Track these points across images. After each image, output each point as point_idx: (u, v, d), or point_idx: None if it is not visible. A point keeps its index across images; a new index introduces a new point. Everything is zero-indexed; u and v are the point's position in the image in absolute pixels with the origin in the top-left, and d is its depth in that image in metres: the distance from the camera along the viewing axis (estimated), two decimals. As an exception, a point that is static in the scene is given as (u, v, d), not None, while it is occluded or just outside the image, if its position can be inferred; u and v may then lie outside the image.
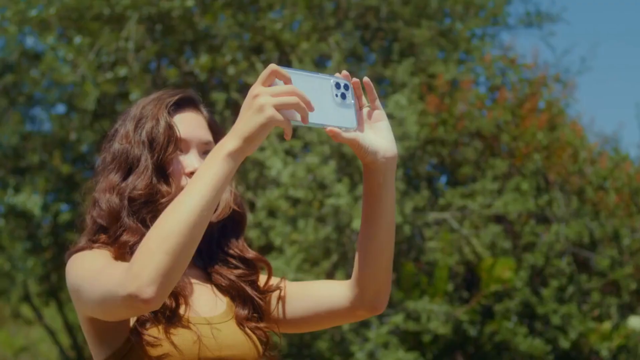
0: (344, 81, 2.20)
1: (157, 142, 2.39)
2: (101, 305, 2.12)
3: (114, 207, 2.37)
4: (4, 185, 13.03)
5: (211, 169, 2.05)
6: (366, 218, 2.32)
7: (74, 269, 2.28)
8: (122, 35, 11.28)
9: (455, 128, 11.44)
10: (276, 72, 2.08)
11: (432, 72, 11.71)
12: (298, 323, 2.52)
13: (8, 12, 12.00)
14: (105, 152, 2.47)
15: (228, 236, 2.54)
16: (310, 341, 10.84)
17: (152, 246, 2.00)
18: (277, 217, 10.54)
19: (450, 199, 11.09)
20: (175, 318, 2.29)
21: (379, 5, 11.92)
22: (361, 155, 2.23)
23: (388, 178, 2.27)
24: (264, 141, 10.24)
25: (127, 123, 2.45)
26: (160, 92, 2.51)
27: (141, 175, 2.37)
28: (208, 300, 2.43)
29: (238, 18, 11.56)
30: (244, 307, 2.46)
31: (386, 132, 2.26)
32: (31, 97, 13.36)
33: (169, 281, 2.00)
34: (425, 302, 10.29)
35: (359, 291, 2.39)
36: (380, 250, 2.33)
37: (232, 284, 2.48)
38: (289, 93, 2.05)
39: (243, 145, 2.05)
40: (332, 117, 2.16)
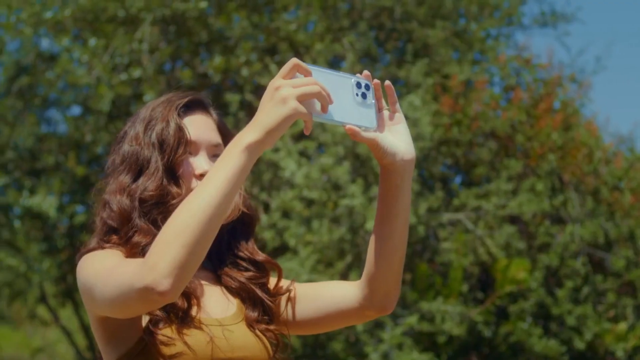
0: (365, 81, 2.22)
1: (167, 143, 2.40)
2: (116, 301, 2.12)
3: (125, 209, 2.38)
4: (20, 187, 13.07)
5: (229, 162, 2.05)
6: (381, 219, 2.34)
7: (85, 269, 2.28)
8: (136, 37, 11.30)
9: (469, 128, 11.41)
10: (298, 66, 2.09)
11: (446, 72, 11.70)
12: (308, 324, 2.53)
13: (23, 14, 12.03)
14: (114, 154, 2.48)
15: (238, 238, 2.56)
16: (325, 342, 10.84)
17: (168, 239, 2.00)
18: (291, 218, 10.54)
19: (464, 200, 11.07)
20: (188, 319, 2.31)
21: (393, 5, 11.90)
22: (379, 156, 2.25)
23: (405, 180, 2.30)
24: (278, 142, 10.26)
25: (137, 125, 2.47)
26: (170, 94, 2.53)
27: (152, 176, 2.39)
28: (219, 301, 2.45)
29: (252, 19, 11.57)
30: (254, 309, 2.47)
31: (405, 135, 2.29)
32: (46, 99, 13.39)
33: (185, 274, 2.00)
34: (439, 303, 10.28)
35: (369, 292, 2.41)
36: (393, 251, 2.35)
37: (242, 286, 2.49)
38: (311, 83, 2.06)
39: (263, 137, 2.04)
40: (352, 116, 2.18)
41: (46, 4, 11.97)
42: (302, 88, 2.05)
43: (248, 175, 2.03)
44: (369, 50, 11.92)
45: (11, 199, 12.52)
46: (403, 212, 2.32)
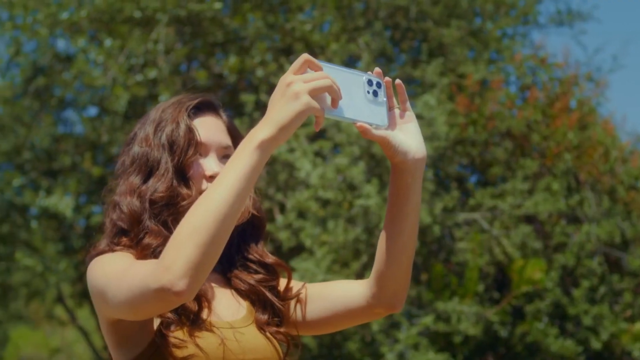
0: (377, 79, 2.21)
1: (177, 145, 2.39)
2: (130, 303, 2.10)
3: (135, 210, 2.37)
4: (37, 188, 13.11)
5: (242, 160, 2.03)
6: (391, 218, 2.32)
7: (96, 271, 2.27)
8: (152, 38, 11.32)
9: (485, 128, 11.39)
10: (309, 62, 2.08)
11: (461, 72, 11.68)
12: (318, 324, 2.52)
13: (40, 15, 12.08)
14: (124, 156, 2.47)
15: (247, 241, 2.55)
16: (341, 342, 10.84)
17: (183, 239, 1.98)
18: (307, 218, 10.54)
19: (480, 200, 11.05)
20: (199, 321, 2.30)
21: (409, 5, 11.89)
22: (390, 155, 2.23)
23: (416, 179, 2.28)
24: (294, 142, 10.26)
25: (147, 126, 2.46)
26: (179, 96, 2.52)
27: (162, 178, 2.37)
28: (229, 304, 2.44)
29: (267, 19, 11.58)
30: (264, 311, 2.47)
31: (416, 134, 2.27)
32: (63, 99, 13.42)
33: (200, 274, 1.99)
34: (455, 303, 10.26)
35: (378, 290, 2.39)
36: (403, 249, 2.33)
37: (252, 288, 2.49)
38: (322, 77, 2.05)
39: (277, 134, 2.03)
40: (363, 113, 2.16)
41: (62, 5, 12.00)
42: (314, 82, 2.03)
43: (264, 176, 2.02)
44: (384, 50, 11.91)
45: (28, 200, 12.56)
46: (413, 211, 2.30)
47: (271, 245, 11.71)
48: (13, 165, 13.73)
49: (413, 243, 2.34)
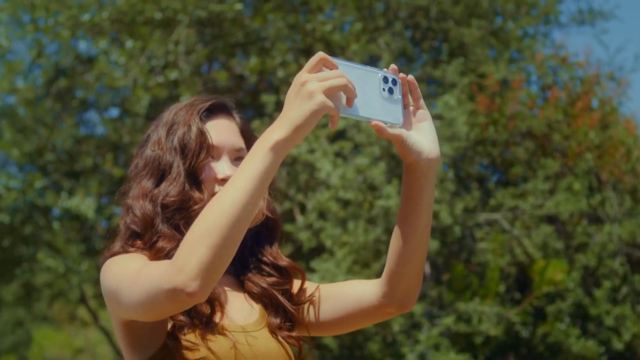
0: (392, 76, 2.17)
1: (188, 148, 2.38)
2: (143, 303, 2.10)
3: (147, 214, 2.36)
4: (59, 189, 13.15)
5: (256, 161, 2.01)
6: (404, 218, 2.30)
7: (110, 273, 2.26)
8: (173, 39, 11.34)
9: (506, 128, 11.36)
10: (324, 60, 2.05)
11: (482, 71, 11.64)
12: (330, 325, 2.51)
13: (61, 17, 12.12)
14: (137, 158, 2.46)
15: (261, 243, 2.53)
16: (362, 342, 10.83)
17: (195, 240, 1.98)
18: (327, 219, 10.54)
19: (501, 200, 11.02)
20: (211, 325, 2.29)
21: (429, 5, 11.87)
22: (404, 154, 2.20)
23: (429, 179, 2.25)
24: (314, 143, 10.26)
25: (160, 129, 2.45)
26: (193, 98, 2.50)
27: (173, 181, 2.36)
28: (242, 308, 2.43)
29: (288, 20, 11.58)
30: (277, 315, 2.45)
31: (430, 133, 2.24)
32: (85, 101, 13.46)
33: (213, 275, 1.99)
34: (476, 303, 10.23)
35: (389, 289, 2.38)
36: (415, 250, 2.31)
37: (264, 291, 2.47)
38: (337, 76, 2.03)
39: (292, 134, 2.01)
40: (378, 111, 2.14)
41: (83, 6, 12.05)
42: (329, 81, 2.01)
43: (284, 177, 2.01)
44: (404, 50, 11.90)
45: (50, 201, 12.60)
46: (426, 212, 2.28)
47: (292, 245, 11.72)
48: (35, 166, 13.77)
49: (425, 243, 2.32)
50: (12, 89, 13.11)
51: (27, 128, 13.49)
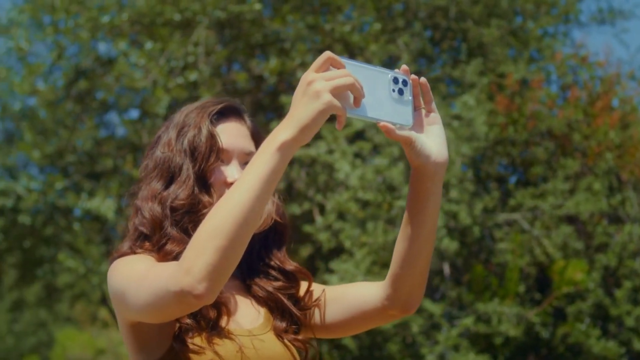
0: (403, 76, 2.14)
1: (198, 151, 2.37)
2: (151, 305, 2.10)
3: (156, 216, 2.36)
4: (79, 190, 13.19)
5: (262, 162, 2.01)
6: (409, 221, 2.27)
7: (117, 273, 2.26)
8: (192, 40, 11.36)
9: (525, 128, 11.32)
10: (332, 59, 2.03)
11: (501, 71, 11.61)
12: (335, 327, 2.50)
13: (81, 19, 12.16)
14: (148, 159, 2.46)
15: (269, 247, 2.53)
16: (381, 343, 10.82)
17: (202, 242, 1.97)
18: (346, 219, 10.53)
19: (520, 200, 10.98)
20: (218, 328, 2.29)
21: (448, 5, 11.84)
22: (412, 157, 2.17)
23: (436, 183, 2.22)
24: (333, 144, 10.25)
25: (170, 130, 2.44)
26: (204, 100, 2.50)
27: (183, 184, 2.36)
28: (248, 311, 2.43)
29: (307, 21, 11.58)
30: (282, 319, 2.45)
31: (439, 137, 2.21)
32: (105, 102, 13.50)
33: (220, 277, 1.98)
34: (495, 304, 10.20)
35: (393, 292, 2.36)
36: (418, 253, 2.29)
37: (270, 295, 2.46)
38: (344, 75, 2.01)
39: (298, 135, 2.00)
40: (387, 112, 2.11)
41: (103, 8, 12.08)
42: (336, 80, 1.99)
43: (304, 177, 1.99)
44: (424, 50, 11.87)
45: (70, 202, 12.64)
46: (432, 216, 2.26)
47: (311, 246, 11.72)
48: (56, 168, 13.81)
49: (430, 247, 2.30)
50: (33, 90, 13.14)
51: (48, 130, 13.53)
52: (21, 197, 13.06)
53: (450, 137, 10.08)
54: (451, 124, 10.34)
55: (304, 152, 10.55)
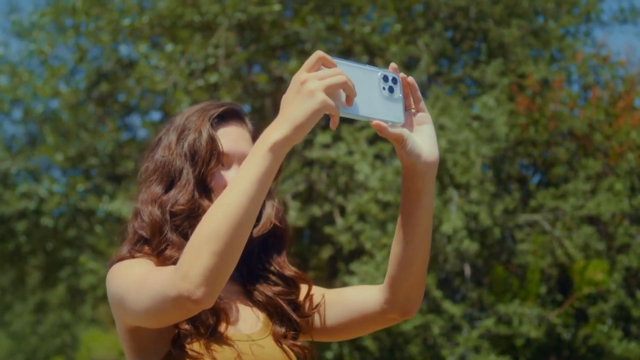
0: (393, 74, 2.15)
1: (199, 155, 2.36)
2: (149, 310, 2.09)
3: (156, 220, 2.34)
4: (100, 192, 13.22)
5: (255, 162, 2.00)
6: (403, 224, 2.25)
7: (116, 278, 2.25)
8: (212, 42, 11.37)
9: (546, 128, 11.27)
10: (323, 59, 2.03)
11: (522, 71, 11.56)
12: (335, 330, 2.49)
13: (102, 22, 12.20)
14: (148, 162, 2.44)
15: (269, 252, 2.51)
16: (402, 344, 10.80)
17: (198, 246, 1.97)
18: (367, 221, 10.51)
19: (542, 201, 10.93)
20: (217, 334, 2.27)
21: (468, 5, 11.81)
22: (402, 156, 2.16)
23: (427, 184, 2.21)
24: (353, 145, 10.24)
25: (171, 133, 2.42)
26: (206, 103, 2.48)
27: (183, 189, 2.34)
28: (247, 316, 2.41)
29: (327, 21, 11.57)
30: (281, 324, 2.43)
31: (430, 136, 2.20)
32: (126, 105, 13.53)
33: (218, 281, 1.97)
34: (516, 305, 10.16)
35: (390, 295, 2.35)
36: (414, 256, 2.27)
37: (269, 300, 2.45)
38: (336, 74, 2.00)
39: (291, 134, 1.99)
40: (378, 110, 2.10)
41: (124, 11, 12.12)
42: (329, 79, 1.98)
43: (324, 179, 1.98)
44: (444, 50, 11.84)
45: (92, 204, 12.67)
46: (425, 216, 2.23)
47: (332, 248, 11.70)
48: (78, 170, 13.86)
49: (426, 249, 2.28)
50: (55, 93, 13.19)
51: (70, 132, 13.58)
52: (44, 200, 13.11)
53: (470, 138, 10.05)
54: (471, 124, 10.31)
55: (325, 154, 10.55)
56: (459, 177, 10.09)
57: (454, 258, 10.23)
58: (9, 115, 14.89)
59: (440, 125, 10.30)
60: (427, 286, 10.16)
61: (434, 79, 11.63)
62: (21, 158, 13.89)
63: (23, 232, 13.98)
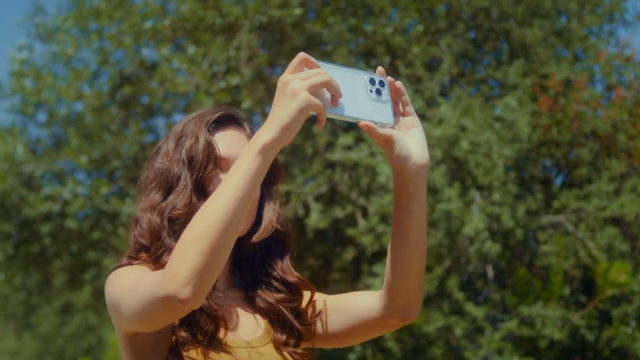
0: (380, 77, 2.17)
1: (196, 160, 2.38)
2: (141, 313, 2.11)
3: (154, 227, 2.36)
4: (124, 195, 13.27)
5: (244, 165, 2.02)
6: (396, 229, 2.27)
7: (112, 285, 2.27)
8: (234, 45, 11.39)
9: (569, 129, 11.20)
10: (306, 60, 2.06)
11: (544, 72, 11.50)
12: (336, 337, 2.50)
13: (124, 25, 12.25)
14: (148, 170, 2.47)
15: (272, 257, 2.52)
16: (425, 346, 10.78)
17: (186, 246, 1.98)
18: (389, 222, 10.50)
19: (565, 202, 10.87)
20: (215, 341, 2.28)
21: (490, 6, 11.76)
22: (392, 160, 2.18)
23: (418, 187, 2.21)
24: (375, 147, 10.23)
25: (169, 141, 2.45)
26: (203, 109, 2.51)
27: (180, 194, 2.36)
28: (248, 323, 2.43)
29: (349, 22, 11.56)
30: (283, 331, 2.44)
31: (419, 139, 2.21)
32: (150, 107, 13.57)
33: (205, 281, 1.99)
34: (539, 307, 10.11)
35: (389, 301, 2.36)
36: (409, 260, 2.28)
37: (271, 307, 2.46)
38: (319, 73, 2.02)
39: (279, 135, 2.01)
40: (366, 112, 2.12)
41: (146, 14, 12.16)
42: (312, 79, 2.01)
43: (346, 180, 1.97)
44: (466, 51, 11.81)
45: (116, 207, 12.71)
46: (418, 221, 2.24)
47: (354, 249, 11.70)
48: (102, 173, 13.91)
49: (421, 253, 2.28)
50: (79, 95, 13.25)
51: (94, 135, 13.63)
52: (68, 202, 13.17)
53: (492, 139, 10.02)
54: (493, 125, 10.27)
55: (346, 156, 10.55)
56: (481, 178, 10.06)
57: (477, 260, 10.20)
58: (34, 118, 14.96)
59: (462, 126, 10.27)
60: (450, 288, 10.14)
61: (456, 80, 11.59)
62: (46, 160, 13.95)
63: (48, 235, 14.04)
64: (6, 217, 14.29)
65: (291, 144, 11.83)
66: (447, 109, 10.27)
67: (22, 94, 14.32)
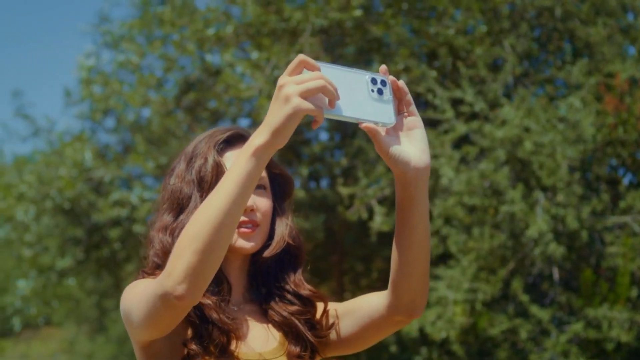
0: (381, 77, 2.18)
1: (205, 180, 2.47)
2: (146, 316, 2.18)
3: (167, 247, 2.46)
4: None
5: (238, 167, 2.07)
6: (399, 230, 2.30)
7: (124, 297, 2.37)
8: (295, 49, 11.42)
9: (635, 128, 11.04)
10: (305, 62, 2.09)
11: (609, 70, 11.34)
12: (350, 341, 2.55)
13: (187, 32, 12.36)
14: (163, 190, 2.58)
15: (285, 270, 2.59)
16: (491, 349, 10.72)
17: (182, 246, 2.06)
18: (453, 225, 10.46)
19: (632, 202, 10.71)
20: (227, 354, 2.34)
21: (554, 5, 11.63)
22: (390, 163, 2.21)
23: (419, 190, 2.23)
24: (438, 149, 10.19)
25: (182, 162, 2.56)
26: (214, 129, 2.60)
27: (191, 214, 2.43)
28: (261, 335, 2.49)
29: (412, 24, 11.53)
30: (297, 344, 2.49)
31: (420, 141, 2.23)
32: (215, 112, 13.66)
33: (199, 279, 2.05)
34: (605, 309, 9.98)
35: (395, 298, 2.40)
36: (413, 260, 2.31)
37: (285, 320, 2.51)
38: (315, 78, 2.04)
39: (271, 139, 2.05)
40: (368, 112, 2.14)
41: (209, 20, 12.25)
42: (306, 84, 2.02)
43: None
44: (530, 51, 11.70)
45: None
46: (421, 222, 2.26)
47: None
48: (165, 178, 14.03)
49: (425, 253, 2.31)
50: (145, 101, 13.39)
51: (160, 140, 13.76)
52: (135, 207, 13.32)
53: (556, 140, 9.92)
54: (557, 126, 10.17)
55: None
56: (545, 179, 9.96)
57: (541, 262, 10.11)
58: (102, 125, 15.16)
59: (526, 127, 10.19)
60: (514, 290, 10.06)
61: (520, 81, 11.49)
62: (114, 166, 14.13)
63: (117, 239, 14.22)
64: (76, 222, 14.51)
65: (355, 146, 11.84)
66: (510, 110, 10.19)
67: (90, 101, 14.53)
